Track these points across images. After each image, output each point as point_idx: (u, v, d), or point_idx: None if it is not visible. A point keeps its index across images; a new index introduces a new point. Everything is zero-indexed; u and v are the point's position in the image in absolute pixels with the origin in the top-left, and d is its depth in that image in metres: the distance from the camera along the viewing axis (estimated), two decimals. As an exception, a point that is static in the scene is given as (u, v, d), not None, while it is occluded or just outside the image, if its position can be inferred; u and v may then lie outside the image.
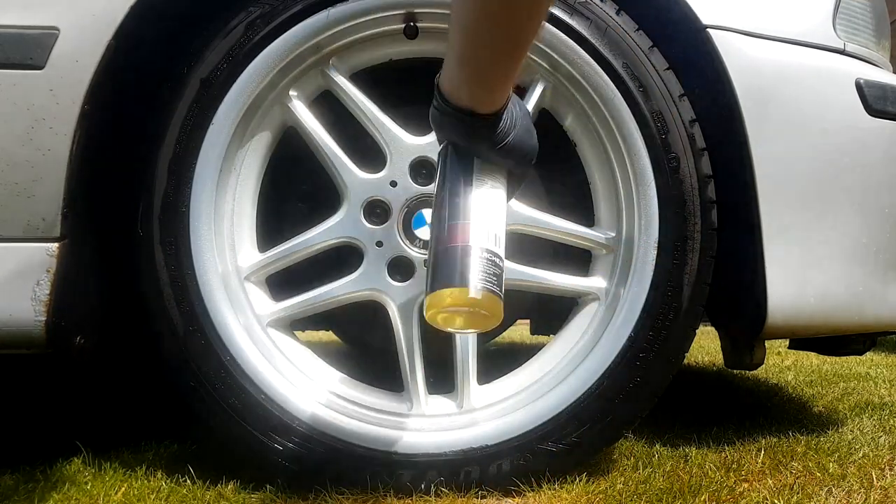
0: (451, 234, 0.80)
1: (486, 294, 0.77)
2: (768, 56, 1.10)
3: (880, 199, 1.16)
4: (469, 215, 0.81)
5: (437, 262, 0.80)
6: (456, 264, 0.78)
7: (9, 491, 1.01)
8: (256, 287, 1.10)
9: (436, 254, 0.80)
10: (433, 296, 0.78)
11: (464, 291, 0.77)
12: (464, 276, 0.77)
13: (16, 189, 0.97)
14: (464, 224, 0.80)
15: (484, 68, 0.74)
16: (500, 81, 0.76)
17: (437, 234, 0.81)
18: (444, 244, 0.80)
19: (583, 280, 1.12)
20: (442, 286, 0.78)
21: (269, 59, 1.04)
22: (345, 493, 1.00)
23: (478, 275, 0.77)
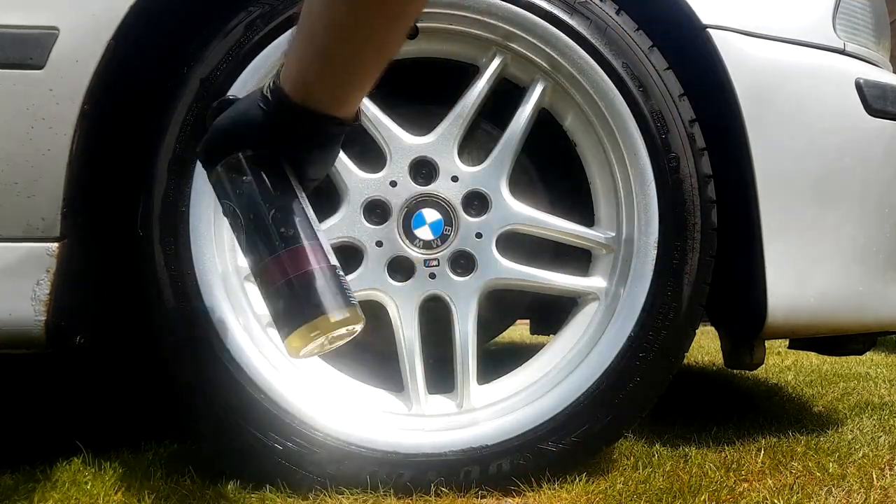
0: (295, 261, 0.72)
1: (348, 310, 0.72)
2: (768, 56, 1.10)
3: (880, 199, 1.16)
4: (303, 236, 0.73)
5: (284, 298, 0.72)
6: (313, 293, 0.71)
7: (9, 491, 1.01)
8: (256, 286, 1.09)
9: (278, 289, 0.72)
10: (295, 336, 0.71)
11: (325, 319, 0.71)
12: (320, 306, 0.71)
13: (15, 189, 0.97)
14: (300, 248, 0.72)
15: (350, 79, 0.69)
16: (364, 90, 0.71)
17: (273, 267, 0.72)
18: (286, 275, 0.71)
19: (582, 280, 1.12)
20: (302, 322, 0.71)
21: (269, 59, 1.04)
22: (344, 493, 1.00)
23: (339, 295, 0.72)
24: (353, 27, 0.64)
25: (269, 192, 0.73)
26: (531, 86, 1.10)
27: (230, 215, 0.75)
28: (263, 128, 0.71)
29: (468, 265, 1.08)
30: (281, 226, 0.72)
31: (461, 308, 1.07)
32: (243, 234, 0.74)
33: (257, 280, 0.75)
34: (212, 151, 0.74)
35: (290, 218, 0.73)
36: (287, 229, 0.72)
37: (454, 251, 1.08)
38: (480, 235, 1.07)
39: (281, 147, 0.73)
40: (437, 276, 1.07)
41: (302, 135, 0.71)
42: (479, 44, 1.09)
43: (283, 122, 0.70)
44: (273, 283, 0.73)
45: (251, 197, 0.73)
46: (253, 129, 0.71)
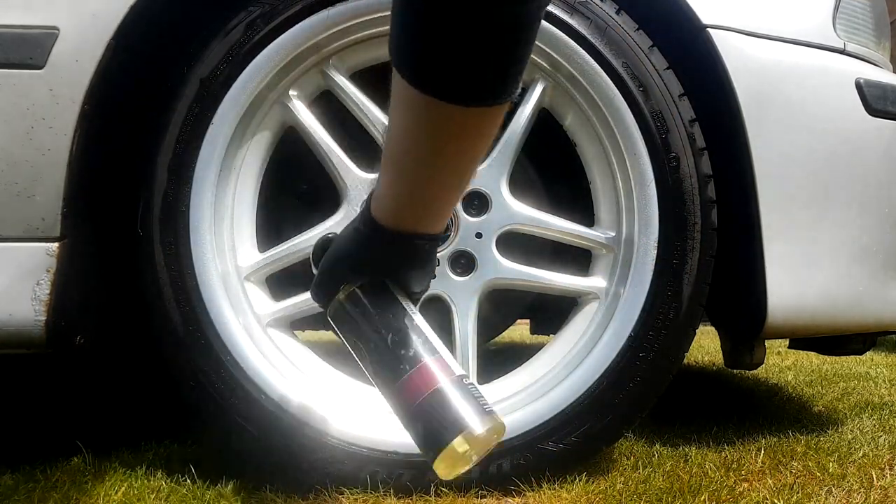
0: (421, 384, 0.71)
1: (489, 419, 0.71)
2: (768, 56, 1.10)
3: (880, 199, 1.16)
4: (424, 352, 0.73)
5: (422, 421, 0.71)
6: (447, 413, 0.70)
7: (9, 491, 1.01)
8: (256, 287, 1.10)
9: (415, 413, 0.71)
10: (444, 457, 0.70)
11: (469, 434, 0.69)
12: (459, 422, 0.69)
13: (16, 189, 0.97)
14: (424, 366, 0.72)
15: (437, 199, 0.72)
16: (453, 204, 0.75)
17: (403, 391, 0.72)
18: (418, 397, 0.71)
19: (583, 280, 1.12)
20: (447, 443, 0.69)
21: (269, 59, 1.04)
22: (344, 493, 1.00)
23: (471, 408, 0.71)
24: (434, 157, 0.68)
25: (383, 318, 0.74)
26: (531, 86, 1.10)
27: (352, 346, 0.77)
28: (364, 259, 0.75)
29: (468, 265, 1.08)
30: (401, 348, 0.73)
31: (461, 308, 1.07)
32: (368, 363, 0.75)
33: (392, 407, 0.75)
34: (323, 291, 0.79)
35: (408, 338, 0.73)
36: (407, 350, 0.73)
37: (454, 251, 1.08)
38: (480, 235, 1.07)
39: (383, 272, 0.76)
40: (437, 276, 1.07)
41: (400, 257, 0.75)
42: (479, 44, 1.09)
43: (381, 249, 0.74)
44: (406, 408, 0.73)
45: (368, 325, 0.75)
46: (355, 263, 0.76)
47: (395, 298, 0.76)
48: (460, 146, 0.68)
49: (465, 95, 0.62)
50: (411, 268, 0.77)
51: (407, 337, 0.74)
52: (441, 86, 0.61)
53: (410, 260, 0.76)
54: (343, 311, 0.77)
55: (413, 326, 0.75)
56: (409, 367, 0.72)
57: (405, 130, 0.67)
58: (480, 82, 0.62)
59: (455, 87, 0.61)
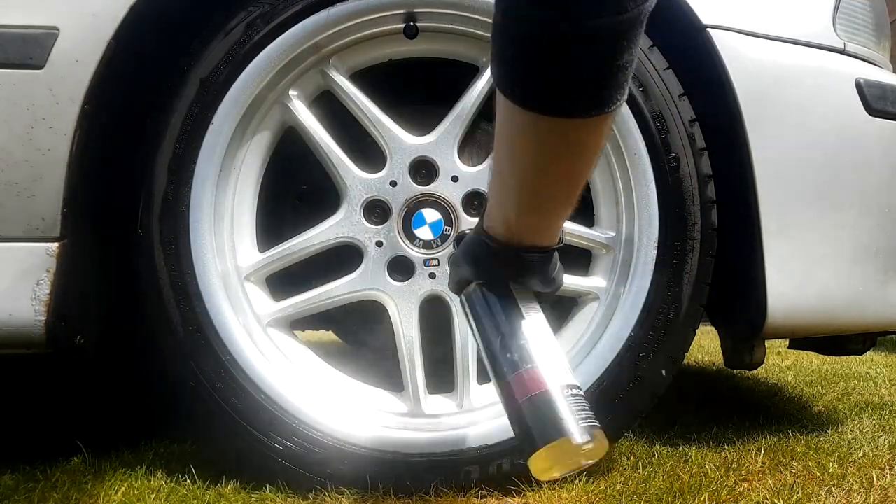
0: (525, 383, 0.73)
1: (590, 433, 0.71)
2: (768, 56, 1.10)
3: (880, 199, 1.16)
4: (534, 357, 0.75)
5: (523, 419, 0.73)
6: (547, 416, 0.71)
7: (9, 491, 1.01)
8: (256, 287, 1.10)
9: (517, 410, 0.74)
10: (537, 457, 0.72)
11: (566, 441, 0.70)
12: (560, 427, 0.71)
13: (16, 189, 0.97)
14: (534, 370, 0.74)
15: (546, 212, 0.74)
16: (565, 217, 0.76)
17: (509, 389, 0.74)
18: (522, 396, 0.73)
19: (583, 280, 1.12)
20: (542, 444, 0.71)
21: (269, 59, 1.04)
22: (344, 493, 1.00)
23: (573, 418, 0.71)
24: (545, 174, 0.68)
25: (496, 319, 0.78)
26: (531, 86, 1.10)
27: (475, 337, 0.81)
28: (480, 265, 0.79)
29: (468, 265, 1.08)
30: (508, 351, 0.75)
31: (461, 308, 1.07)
32: (486, 355, 0.79)
33: (500, 398, 0.78)
34: (455, 283, 0.85)
35: (517, 344, 0.76)
36: (512, 354, 0.75)
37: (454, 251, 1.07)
38: (480, 235, 1.07)
39: (501, 277, 0.79)
40: (438, 276, 1.07)
41: (512, 268, 0.77)
42: (478, 44, 1.09)
43: (494, 260, 0.77)
44: (510, 405, 0.75)
45: (483, 322, 0.79)
46: (473, 266, 0.80)
47: (513, 301, 0.78)
48: (571, 159, 0.67)
49: (571, 109, 0.62)
50: (526, 276, 0.78)
51: (514, 341, 0.76)
52: (548, 103, 0.61)
53: (523, 270, 0.77)
54: (466, 304, 0.83)
55: (526, 332, 0.76)
56: (510, 370, 0.75)
57: (514, 149, 0.68)
58: (585, 94, 0.61)
59: (561, 102, 0.61)
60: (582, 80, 0.61)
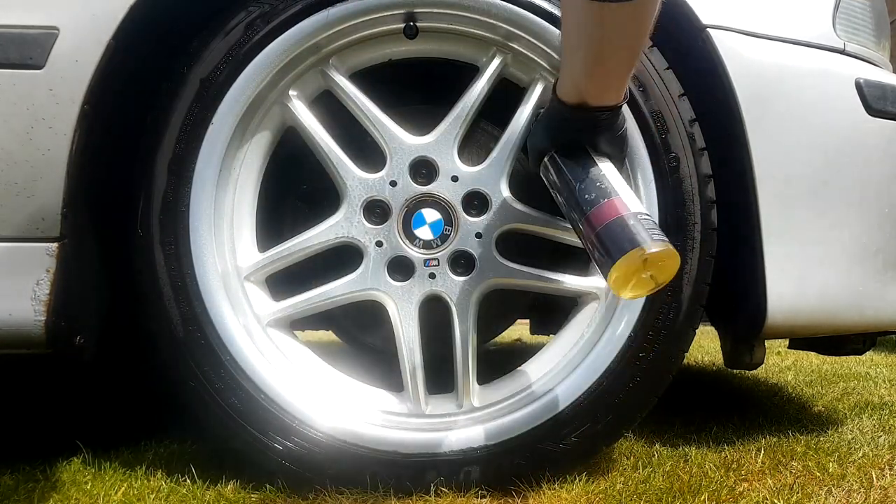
0: (602, 213, 0.86)
1: (660, 244, 0.83)
2: (768, 56, 1.10)
3: (880, 199, 1.16)
4: (609, 192, 0.87)
5: (602, 242, 0.85)
6: (622, 234, 0.84)
7: (9, 491, 1.01)
8: (256, 287, 1.10)
9: (598, 237, 0.86)
10: (616, 267, 0.83)
11: (640, 251, 0.82)
12: (633, 240, 0.83)
13: (15, 189, 0.97)
14: (609, 201, 0.86)
15: (612, 72, 0.86)
16: (626, 77, 0.88)
17: (590, 223, 0.87)
18: (601, 224, 0.86)
19: (583, 280, 1.12)
20: (619, 256, 0.83)
21: (269, 59, 1.04)
22: (344, 493, 1.00)
23: (645, 233, 0.83)
24: (603, 45, 0.81)
25: (574, 172, 0.91)
26: (531, 86, 1.10)
27: (556, 197, 0.96)
28: (556, 130, 0.94)
29: (468, 265, 1.08)
30: (586, 193, 0.89)
31: (461, 308, 1.07)
32: (566, 209, 0.93)
33: (583, 243, 0.91)
34: (535, 156, 0.99)
35: (593, 185, 0.89)
36: (590, 194, 0.88)
37: (454, 251, 1.08)
38: (480, 235, 1.07)
39: (573, 138, 0.93)
40: (437, 276, 1.07)
41: (583, 125, 0.91)
42: (479, 44, 1.09)
43: (567, 122, 0.91)
44: (588, 237, 0.88)
45: (563, 179, 0.92)
46: (549, 134, 0.95)
47: (587, 155, 0.92)
48: (626, 31, 0.81)
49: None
50: (596, 133, 0.92)
51: (592, 184, 0.89)
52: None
53: (593, 127, 0.91)
54: (547, 170, 0.96)
55: (599, 175, 0.90)
56: (589, 207, 0.88)
57: (578, 27, 0.82)
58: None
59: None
60: None
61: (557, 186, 0.93)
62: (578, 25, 0.81)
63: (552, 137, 0.94)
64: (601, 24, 0.79)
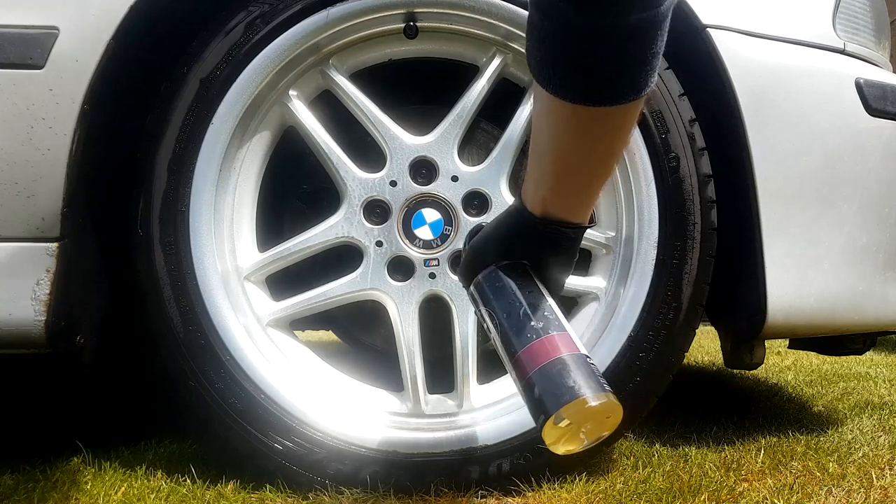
0: (539, 352, 0.74)
1: (605, 395, 0.72)
2: (768, 56, 1.10)
3: (880, 199, 1.16)
4: (551, 327, 0.76)
5: (539, 385, 0.73)
6: (562, 380, 0.72)
7: (9, 491, 1.01)
8: (256, 287, 1.10)
9: (530, 380, 0.74)
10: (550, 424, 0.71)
11: (582, 402, 0.70)
12: (574, 389, 0.71)
13: (16, 189, 0.97)
14: (550, 337, 0.75)
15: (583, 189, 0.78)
16: (596, 194, 0.80)
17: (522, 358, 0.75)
18: (536, 365, 0.74)
19: (582, 280, 1.12)
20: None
21: (269, 59, 1.04)
22: (344, 493, 1.00)
23: (588, 381, 0.72)
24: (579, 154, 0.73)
25: (520, 293, 0.79)
26: (531, 86, 1.10)
27: (485, 320, 0.82)
28: (512, 242, 0.81)
29: (468, 265, 1.08)
30: (531, 320, 0.77)
31: (461, 308, 1.07)
32: (498, 335, 0.79)
33: (513, 376, 0.77)
34: (470, 269, 0.84)
35: (539, 313, 0.77)
36: (537, 322, 0.77)
37: (454, 251, 1.08)
38: (480, 235, 1.07)
39: (527, 256, 0.81)
40: (438, 276, 1.07)
41: (545, 241, 0.80)
42: (479, 44, 1.09)
43: (528, 235, 0.79)
44: (525, 374, 0.75)
45: (504, 298, 0.79)
46: (502, 245, 0.81)
47: (533, 280, 0.81)
48: (603, 142, 0.72)
49: (601, 98, 0.67)
50: (554, 254, 0.81)
51: (538, 311, 0.77)
52: (580, 93, 0.66)
53: (555, 246, 0.80)
54: (485, 287, 0.82)
55: (545, 306, 0.79)
56: (535, 336, 0.75)
57: (550, 133, 0.72)
58: (624, 83, 0.67)
59: (592, 92, 0.66)
60: (621, 69, 0.66)
61: (493, 303, 0.80)
62: (548, 127, 0.72)
63: (504, 248, 0.81)
64: (575, 129, 0.70)
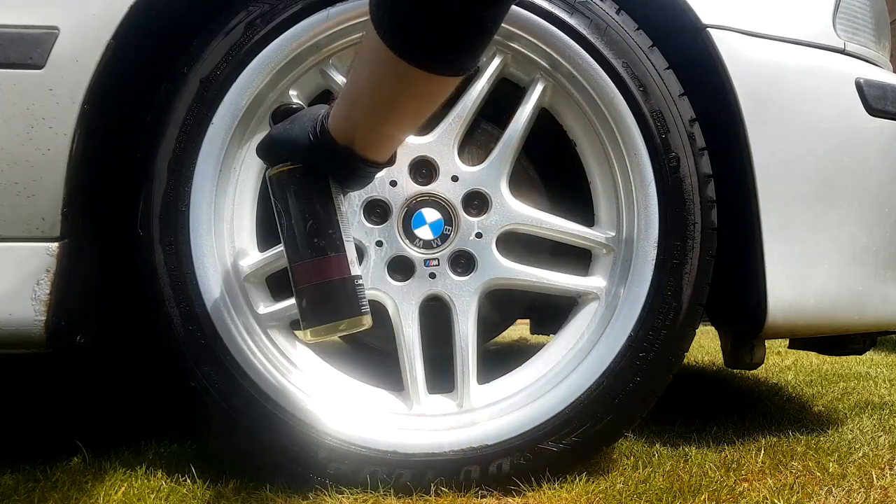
0: (330, 269, 0.84)
1: (367, 318, 0.86)
2: (768, 56, 1.10)
3: (880, 199, 1.16)
4: (331, 248, 0.84)
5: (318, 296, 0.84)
6: (341, 299, 0.84)
7: (9, 491, 1.01)
8: (256, 287, 1.10)
9: (302, 291, 0.84)
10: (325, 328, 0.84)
11: (357, 321, 0.84)
12: (353, 308, 0.84)
13: (16, 189, 0.97)
14: (338, 257, 0.84)
15: (388, 137, 0.83)
16: (399, 142, 0.86)
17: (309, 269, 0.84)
18: (323, 278, 0.83)
19: (582, 280, 1.12)
20: (332, 319, 0.84)
21: (269, 59, 1.04)
22: (344, 493, 1.00)
23: (360, 303, 0.85)
24: (391, 108, 0.78)
25: (311, 205, 0.84)
26: (531, 85, 1.10)
27: (276, 213, 0.86)
28: (310, 154, 0.84)
29: (468, 265, 1.08)
30: (314, 236, 0.83)
31: (461, 308, 1.07)
32: (285, 235, 0.85)
33: (290, 274, 0.86)
34: (265, 155, 0.88)
35: (324, 232, 0.84)
36: (319, 240, 0.83)
37: (454, 251, 1.08)
38: (480, 235, 1.07)
39: (327, 170, 0.86)
40: (438, 276, 1.07)
41: (345, 169, 0.84)
42: (479, 44, 1.09)
43: (330, 158, 0.83)
44: (298, 284, 0.84)
45: (297, 204, 0.84)
46: (300, 152, 0.84)
47: (329, 193, 0.85)
48: (416, 103, 0.78)
49: (433, 66, 0.72)
50: (350, 179, 0.87)
51: (324, 230, 0.83)
52: (415, 54, 0.70)
53: (352, 174, 0.85)
54: (278, 182, 0.85)
55: (333, 222, 0.84)
56: (313, 254, 0.83)
57: (371, 79, 0.76)
58: (450, 58, 0.72)
59: (427, 58, 0.71)
60: (467, 48, 0.72)
61: (288, 203, 0.85)
62: (374, 76, 0.76)
63: (304, 154, 0.84)
64: (400, 86, 0.75)
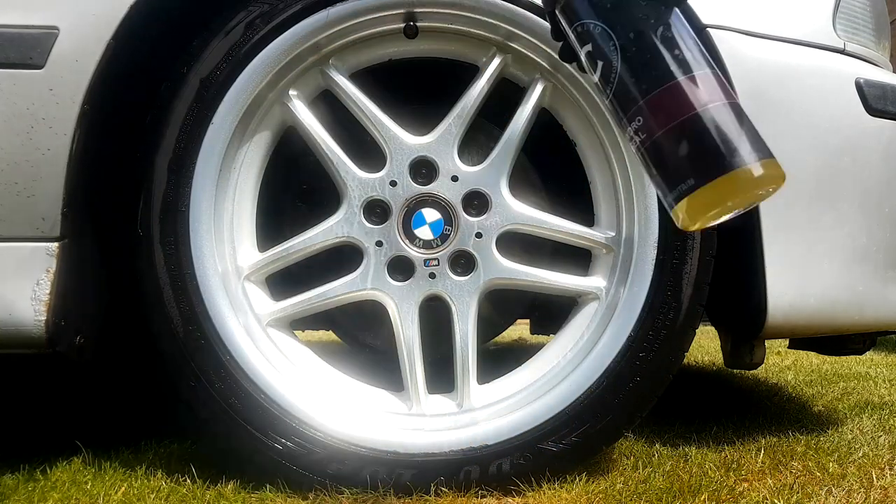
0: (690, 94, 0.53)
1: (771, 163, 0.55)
2: (768, 56, 1.10)
3: (880, 199, 1.16)
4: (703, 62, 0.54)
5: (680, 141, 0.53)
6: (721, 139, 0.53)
7: (9, 491, 1.01)
8: (256, 287, 1.10)
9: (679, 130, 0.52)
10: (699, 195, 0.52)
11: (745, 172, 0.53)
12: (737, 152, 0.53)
13: (16, 189, 0.97)
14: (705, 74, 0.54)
15: None
16: None
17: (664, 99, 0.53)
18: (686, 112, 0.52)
19: (582, 280, 1.12)
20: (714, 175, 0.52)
21: (269, 59, 1.04)
22: (344, 493, 1.00)
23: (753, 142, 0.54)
24: None
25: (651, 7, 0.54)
26: (531, 86, 1.10)
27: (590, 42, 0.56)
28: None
29: (468, 265, 1.08)
30: (674, 47, 0.54)
31: (461, 308, 1.07)
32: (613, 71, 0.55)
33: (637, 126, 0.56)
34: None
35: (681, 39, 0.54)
36: (681, 51, 0.54)
37: (454, 251, 1.08)
38: (480, 235, 1.07)
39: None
40: (438, 276, 1.07)
41: None
42: (479, 44, 1.09)
43: None
44: (668, 121, 0.53)
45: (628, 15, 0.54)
46: None
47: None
48: None
49: None
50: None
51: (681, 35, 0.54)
52: None
53: None
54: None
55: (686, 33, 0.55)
56: (682, 72, 0.54)
57: None
58: None
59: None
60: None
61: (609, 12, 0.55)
62: None
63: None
64: None
